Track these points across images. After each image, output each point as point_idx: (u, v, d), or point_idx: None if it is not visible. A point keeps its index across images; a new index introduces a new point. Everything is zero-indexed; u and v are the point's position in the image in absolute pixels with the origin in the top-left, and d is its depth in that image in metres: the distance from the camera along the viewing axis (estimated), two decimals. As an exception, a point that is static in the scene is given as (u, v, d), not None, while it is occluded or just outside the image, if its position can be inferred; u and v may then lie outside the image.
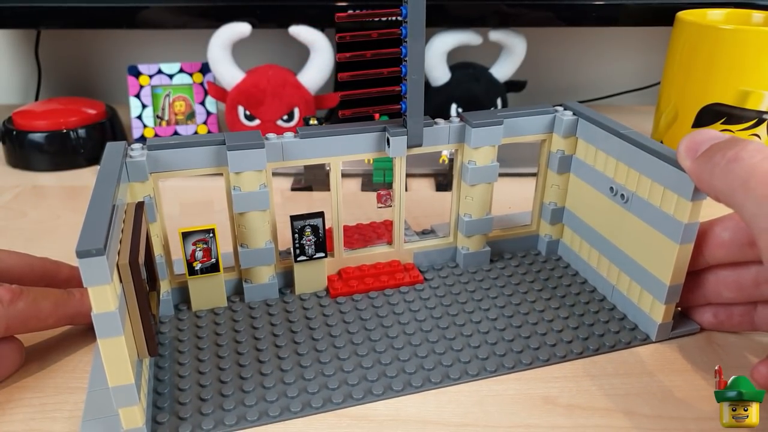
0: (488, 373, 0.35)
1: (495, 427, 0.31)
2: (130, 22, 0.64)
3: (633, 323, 0.38)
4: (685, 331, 0.38)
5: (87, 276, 0.25)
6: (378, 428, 0.31)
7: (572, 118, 0.42)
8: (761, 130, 0.53)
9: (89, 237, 0.26)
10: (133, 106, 0.68)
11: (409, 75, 0.37)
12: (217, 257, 0.38)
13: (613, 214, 0.39)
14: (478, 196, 0.42)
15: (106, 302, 0.26)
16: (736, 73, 0.52)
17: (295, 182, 0.59)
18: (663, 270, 0.36)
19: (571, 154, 0.43)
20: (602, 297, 0.41)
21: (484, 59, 0.69)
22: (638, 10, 0.65)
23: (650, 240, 0.36)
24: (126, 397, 0.28)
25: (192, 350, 0.36)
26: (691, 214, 0.33)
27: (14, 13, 0.64)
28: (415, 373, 0.34)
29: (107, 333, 0.27)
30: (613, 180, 0.39)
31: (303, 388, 0.33)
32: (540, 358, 0.35)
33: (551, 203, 0.45)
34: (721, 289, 0.36)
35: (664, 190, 0.35)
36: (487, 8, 0.65)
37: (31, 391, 0.33)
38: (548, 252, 0.46)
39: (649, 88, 0.84)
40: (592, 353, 0.36)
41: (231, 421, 0.31)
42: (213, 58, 0.63)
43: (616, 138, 0.38)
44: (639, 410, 0.32)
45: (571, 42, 0.85)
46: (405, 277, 0.42)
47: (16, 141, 0.63)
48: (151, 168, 0.36)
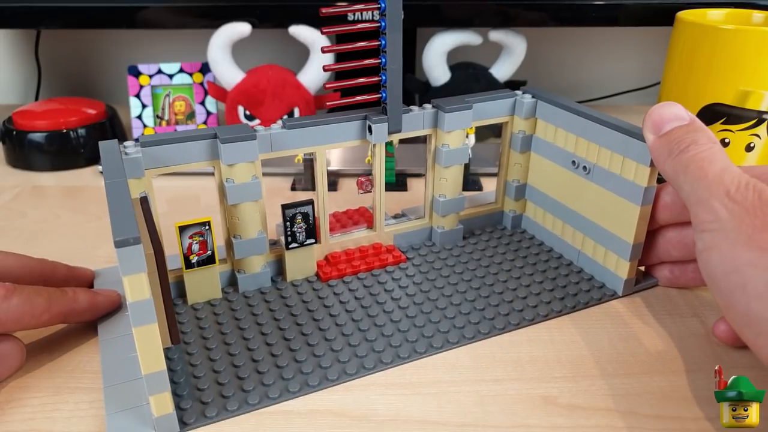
0: (482, 335, 0.38)
1: (495, 427, 0.31)
2: (130, 22, 0.64)
3: (600, 282, 0.43)
4: (646, 285, 0.42)
5: (124, 265, 0.26)
6: (378, 428, 0.31)
7: (532, 100, 0.45)
8: (761, 130, 0.52)
9: (122, 227, 0.26)
10: (133, 106, 0.68)
11: (389, 65, 0.39)
12: (213, 249, 0.39)
13: (575, 186, 0.43)
14: (451, 177, 0.45)
15: (141, 290, 0.27)
16: (736, 73, 0.51)
17: (295, 182, 0.59)
18: (626, 231, 0.40)
19: (532, 134, 0.47)
20: (569, 262, 0.45)
21: (484, 59, 0.69)
22: (638, 10, 0.65)
23: (613, 205, 0.40)
24: (158, 384, 0.29)
25: (198, 340, 0.37)
26: (649, 178, 0.38)
27: (14, 13, 0.63)
28: (417, 341, 0.37)
29: (142, 321, 0.27)
30: (575, 154, 0.43)
31: (317, 363, 0.35)
32: (526, 318, 0.39)
33: (514, 180, 0.48)
34: (669, 249, 0.41)
35: (624, 159, 0.39)
36: (487, 8, 0.65)
37: (31, 391, 0.33)
38: (513, 226, 0.50)
39: (649, 88, 0.85)
40: (570, 311, 0.40)
41: (254, 400, 0.32)
42: (213, 58, 0.63)
43: (575, 116, 0.42)
44: (639, 410, 0.32)
45: (571, 42, 0.85)
46: (389, 257, 0.45)
47: (16, 141, 0.63)
48: (146, 164, 0.36)
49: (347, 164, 0.62)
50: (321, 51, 0.39)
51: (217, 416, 0.32)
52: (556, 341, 0.38)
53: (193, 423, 0.31)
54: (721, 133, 0.53)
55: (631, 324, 0.39)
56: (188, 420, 0.31)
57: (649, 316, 0.40)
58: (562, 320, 0.39)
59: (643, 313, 0.40)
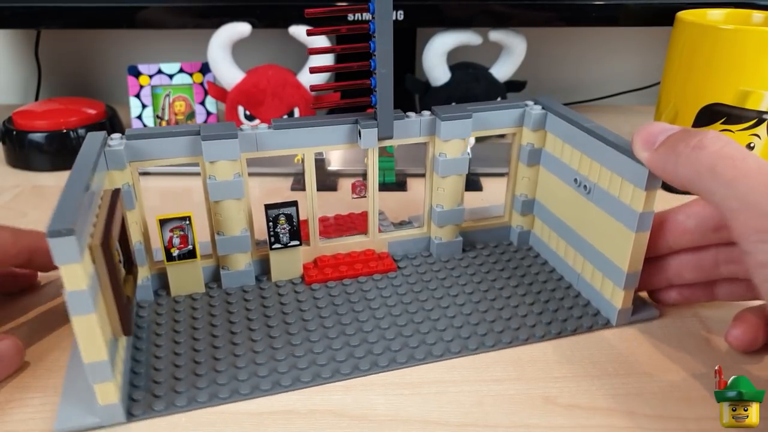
0: (452, 354, 0.36)
1: (495, 427, 0.31)
2: (130, 22, 0.65)
3: (596, 309, 0.40)
4: (643, 317, 0.39)
5: (57, 255, 0.27)
6: (378, 428, 0.31)
7: (541, 112, 0.43)
8: (761, 130, 0.52)
9: (61, 218, 0.27)
10: (133, 106, 0.68)
11: (378, 69, 0.38)
12: (194, 244, 0.39)
13: (578, 205, 0.41)
14: (449, 187, 0.43)
15: (77, 281, 0.27)
16: (736, 73, 0.52)
17: (295, 182, 0.60)
18: (621, 258, 0.37)
19: (541, 147, 0.44)
20: (568, 285, 0.42)
21: (484, 59, 0.69)
22: (638, 10, 0.65)
23: (610, 229, 0.38)
24: (100, 374, 0.29)
25: (169, 333, 0.38)
26: (645, 203, 0.35)
27: (14, 13, 0.64)
28: (381, 354, 0.36)
29: (79, 311, 0.28)
30: (577, 172, 0.40)
31: (274, 368, 0.35)
32: (503, 341, 0.37)
33: (522, 195, 0.46)
34: (682, 272, 0.38)
35: (622, 180, 0.36)
36: (486, 8, 0.65)
37: (31, 391, 0.33)
38: (520, 242, 0.47)
39: (649, 88, 0.84)
40: (554, 336, 0.38)
41: (203, 398, 0.33)
42: (213, 58, 0.64)
43: (579, 131, 0.39)
44: (639, 410, 0.32)
45: (571, 42, 0.86)
46: (378, 265, 0.44)
47: (16, 141, 0.63)
48: (129, 157, 0.37)
49: (347, 164, 0.62)
50: (307, 53, 0.38)
51: (165, 410, 0.32)
52: (556, 342, 0.37)
53: (141, 415, 0.32)
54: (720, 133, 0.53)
55: (634, 339, 0.37)
56: (136, 411, 0.32)
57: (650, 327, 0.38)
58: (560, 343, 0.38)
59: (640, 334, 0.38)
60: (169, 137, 0.38)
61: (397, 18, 0.64)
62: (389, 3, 0.37)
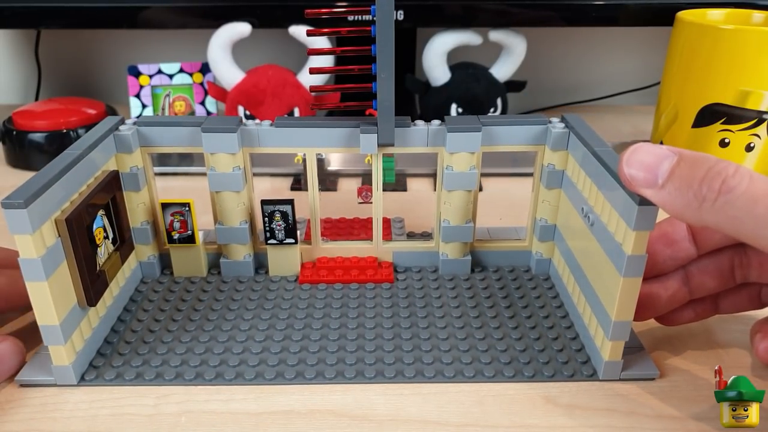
0: (406, 378, 0.34)
1: (495, 427, 0.31)
2: (130, 22, 0.65)
3: (586, 356, 0.36)
4: (638, 374, 0.34)
5: (11, 224, 0.29)
6: (378, 428, 0.31)
7: (562, 131, 0.39)
8: (761, 130, 0.52)
9: (21, 191, 0.30)
10: (133, 106, 0.68)
11: (379, 74, 0.37)
12: (194, 230, 0.41)
13: (584, 238, 0.37)
14: (456, 202, 0.41)
15: (28, 250, 0.30)
16: (736, 73, 0.52)
17: (294, 182, 0.60)
18: (610, 303, 0.33)
19: (562, 170, 0.40)
20: (570, 324, 0.38)
21: (484, 59, 0.68)
22: (638, 10, 0.65)
23: (605, 270, 0.33)
24: (52, 337, 0.32)
25: (153, 311, 0.40)
26: (634, 245, 0.30)
27: (14, 13, 0.64)
28: (336, 364, 0.35)
29: (32, 277, 0.30)
30: (586, 200, 0.36)
31: (225, 360, 0.35)
32: (465, 374, 0.34)
33: (542, 219, 0.42)
34: (705, 280, 0.35)
35: (618, 216, 0.32)
36: (487, 8, 0.64)
37: (31, 391, 0.34)
38: (538, 270, 0.44)
39: (649, 88, 0.83)
40: (527, 379, 0.34)
41: (150, 375, 0.34)
42: (213, 58, 0.64)
43: (590, 155, 0.35)
44: (639, 410, 0.32)
45: (571, 42, 0.85)
46: (375, 274, 0.43)
47: (16, 141, 0.63)
48: (139, 142, 0.40)
49: (348, 164, 0.61)
50: (307, 53, 0.38)
51: (114, 380, 0.34)
52: None
53: (92, 380, 0.34)
54: (721, 133, 0.53)
55: None
56: (88, 377, 0.34)
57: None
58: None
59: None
60: (177, 126, 0.40)
61: (398, 18, 0.63)
62: (391, 6, 0.35)
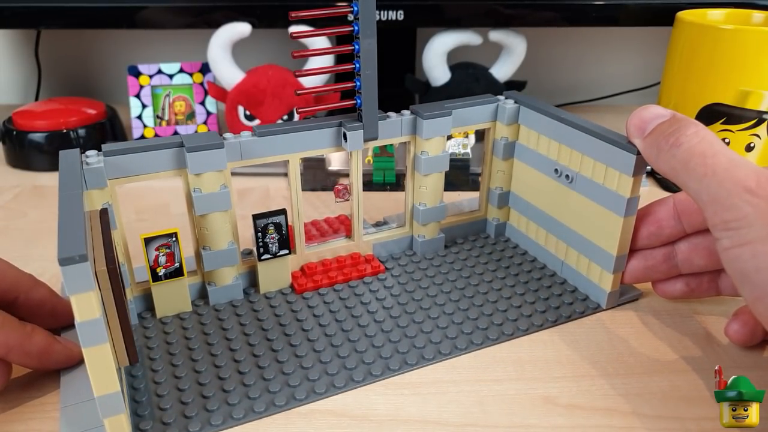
0: (459, 351, 0.36)
1: (495, 427, 0.31)
2: (130, 22, 0.64)
3: (584, 294, 0.41)
4: (630, 297, 0.41)
5: (70, 284, 0.25)
6: (378, 428, 0.31)
7: (514, 106, 0.44)
8: (761, 130, 0.52)
9: (69, 244, 0.25)
10: (133, 106, 0.67)
11: (363, 71, 0.38)
12: (181, 261, 0.38)
13: (559, 194, 0.42)
14: (431, 185, 0.44)
15: (90, 310, 0.25)
16: (736, 73, 0.51)
17: None
18: (609, 242, 0.38)
19: (515, 141, 0.45)
20: (553, 273, 0.44)
21: (484, 59, 0.69)
22: (638, 10, 0.65)
23: (596, 216, 0.39)
24: (113, 407, 0.28)
25: (164, 356, 0.36)
26: (632, 189, 0.36)
27: (14, 13, 0.63)
28: (391, 357, 0.35)
29: (92, 341, 0.26)
30: (558, 162, 0.42)
31: (284, 382, 0.34)
32: (505, 333, 0.38)
33: (497, 188, 0.47)
34: (693, 258, 0.38)
35: (607, 168, 0.38)
36: (487, 8, 0.65)
37: (31, 391, 0.33)
38: (497, 234, 0.49)
39: (649, 88, 0.84)
40: (551, 324, 0.39)
41: (217, 420, 0.31)
42: (213, 58, 0.63)
43: (558, 122, 0.41)
44: (639, 410, 0.32)
45: (571, 42, 0.85)
46: (367, 268, 0.43)
47: (16, 141, 0.62)
48: (109, 174, 0.35)
49: (347, 164, 0.60)
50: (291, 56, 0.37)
51: (180, 439, 0.30)
52: (556, 342, 0.37)
53: (153, 446, 0.30)
54: (721, 133, 0.53)
55: (629, 325, 0.38)
56: (146, 443, 0.30)
57: (646, 319, 0.39)
58: (552, 331, 0.38)
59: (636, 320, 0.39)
60: (151, 151, 0.36)
61: (398, 18, 0.64)
62: (372, 3, 0.36)
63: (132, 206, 0.48)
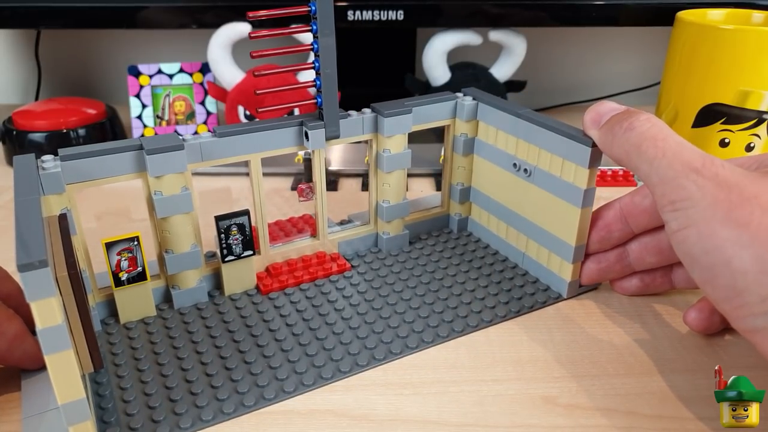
0: (426, 344, 0.37)
1: (495, 427, 0.31)
2: (130, 22, 0.64)
3: (545, 285, 0.42)
4: (588, 287, 0.42)
5: (31, 290, 0.24)
6: (378, 428, 0.31)
7: (473, 103, 0.45)
8: (761, 130, 0.52)
9: (28, 249, 0.25)
10: (133, 106, 0.67)
11: (322, 69, 0.38)
12: (144, 265, 0.37)
13: (518, 188, 0.43)
14: (394, 182, 0.44)
15: (52, 316, 0.25)
16: (736, 73, 0.52)
17: (296, 182, 0.58)
18: (568, 233, 0.40)
19: (474, 137, 0.46)
20: (514, 264, 0.45)
21: (484, 59, 0.69)
22: (638, 10, 0.65)
23: (554, 208, 0.40)
24: (78, 414, 0.27)
25: (129, 361, 0.35)
26: (588, 180, 0.37)
27: (14, 13, 0.63)
28: (359, 354, 0.36)
29: (55, 348, 0.26)
30: (516, 156, 0.43)
31: (253, 382, 0.34)
32: (470, 325, 0.38)
33: (458, 183, 0.48)
34: (644, 256, 0.40)
35: (563, 161, 0.39)
36: (486, 8, 0.65)
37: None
38: (459, 229, 0.49)
39: (649, 88, 0.84)
40: (514, 315, 0.40)
41: (186, 423, 0.31)
42: (213, 58, 0.63)
43: (515, 118, 0.42)
44: (639, 410, 0.32)
45: (571, 42, 0.85)
46: (333, 266, 0.44)
47: (16, 141, 0.62)
48: (67, 179, 0.35)
49: (347, 164, 0.62)
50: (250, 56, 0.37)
51: (147, 443, 0.30)
52: (555, 341, 0.38)
53: (121, 453, 0.30)
54: (721, 133, 0.53)
55: (627, 325, 0.39)
56: (113, 450, 0.30)
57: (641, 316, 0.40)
58: (552, 330, 0.39)
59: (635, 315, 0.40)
60: (109, 154, 0.35)
61: (397, 18, 0.64)
62: (330, 3, 0.37)
63: (92, 211, 0.47)
